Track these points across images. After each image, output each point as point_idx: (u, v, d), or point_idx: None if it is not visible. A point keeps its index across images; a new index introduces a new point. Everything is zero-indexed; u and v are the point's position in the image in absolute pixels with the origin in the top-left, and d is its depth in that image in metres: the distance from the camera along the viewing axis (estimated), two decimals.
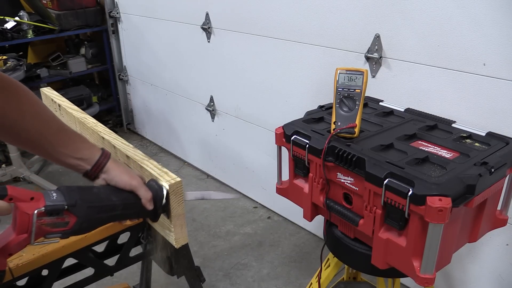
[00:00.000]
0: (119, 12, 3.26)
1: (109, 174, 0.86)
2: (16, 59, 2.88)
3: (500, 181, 1.02)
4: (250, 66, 2.33)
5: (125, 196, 0.85)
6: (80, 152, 0.85)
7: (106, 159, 0.87)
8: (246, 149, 2.57)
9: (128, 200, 0.85)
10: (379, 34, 1.68)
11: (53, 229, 0.75)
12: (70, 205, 0.75)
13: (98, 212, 0.81)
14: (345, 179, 1.06)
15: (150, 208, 0.88)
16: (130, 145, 1.10)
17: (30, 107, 0.81)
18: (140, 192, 0.86)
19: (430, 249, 0.89)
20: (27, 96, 0.82)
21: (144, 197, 0.86)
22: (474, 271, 1.69)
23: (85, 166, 0.85)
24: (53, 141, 0.83)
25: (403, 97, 1.67)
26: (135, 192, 0.86)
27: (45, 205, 0.72)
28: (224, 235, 2.38)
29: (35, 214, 0.71)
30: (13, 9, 3.18)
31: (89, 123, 1.26)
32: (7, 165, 2.92)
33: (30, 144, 0.83)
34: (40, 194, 0.74)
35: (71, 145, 0.84)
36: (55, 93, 1.51)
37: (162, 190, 0.90)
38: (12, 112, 0.78)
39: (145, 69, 3.27)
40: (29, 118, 0.80)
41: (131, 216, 0.89)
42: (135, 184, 0.86)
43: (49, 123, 0.84)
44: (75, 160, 0.85)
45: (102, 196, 0.82)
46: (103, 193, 0.83)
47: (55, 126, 0.84)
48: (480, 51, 1.42)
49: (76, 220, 0.77)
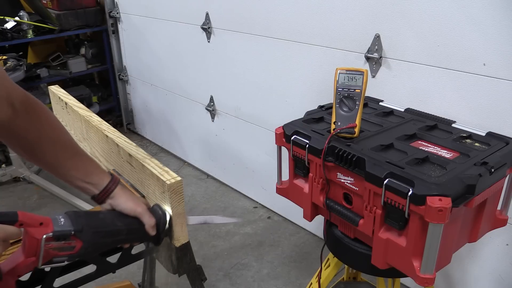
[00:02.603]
0: (119, 12, 3.26)
1: (116, 200, 0.90)
2: (16, 59, 2.88)
3: (500, 181, 1.02)
4: (250, 66, 2.33)
5: (129, 222, 0.89)
6: (91, 177, 0.89)
7: (114, 185, 0.90)
8: (246, 149, 2.57)
9: (132, 226, 0.89)
10: (379, 34, 1.68)
11: (60, 252, 0.78)
12: (77, 231, 0.78)
13: (103, 237, 0.84)
14: (345, 179, 1.06)
15: (153, 234, 0.91)
16: (133, 143, 1.12)
17: (51, 131, 0.85)
18: (144, 218, 0.90)
19: (430, 249, 0.89)
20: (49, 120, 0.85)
21: (148, 224, 0.90)
22: (474, 271, 1.69)
23: (94, 191, 0.89)
24: (67, 165, 0.87)
25: (403, 97, 1.67)
26: (139, 218, 0.90)
27: (53, 230, 0.75)
28: (224, 235, 2.38)
29: (44, 239, 0.74)
30: (13, 9, 3.18)
31: (94, 121, 1.28)
32: (7, 165, 2.93)
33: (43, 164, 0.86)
34: (48, 220, 0.77)
35: (83, 169, 0.88)
36: (62, 91, 1.54)
37: (166, 216, 0.94)
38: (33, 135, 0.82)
39: (145, 69, 3.27)
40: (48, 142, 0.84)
41: (134, 240, 0.93)
42: (140, 211, 0.90)
43: (66, 148, 0.87)
44: (85, 183, 0.88)
45: (107, 222, 0.86)
46: (108, 218, 0.87)
47: (71, 151, 0.88)
48: (480, 51, 1.42)
49: (82, 245, 0.80)
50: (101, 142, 1.26)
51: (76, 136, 1.49)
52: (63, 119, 1.59)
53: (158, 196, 1.01)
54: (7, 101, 0.77)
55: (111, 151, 1.20)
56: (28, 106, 0.81)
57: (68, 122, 1.52)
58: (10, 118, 0.78)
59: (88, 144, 1.39)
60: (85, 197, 2.69)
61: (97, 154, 1.33)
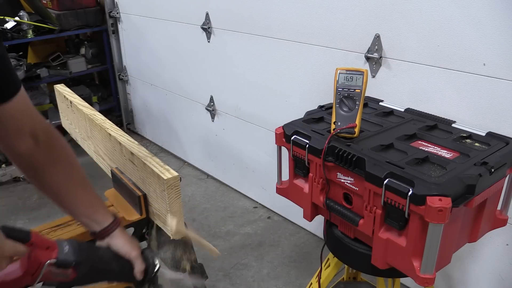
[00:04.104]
0: (119, 12, 3.26)
1: (114, 240, 0.93)
2: (16, 59, 2.88)
3: (500, 181, 1.02)
4: (250, 66, 2.33)
5: (123, 264, 0.92)
6: (96, 215, 0.91)
7: (115, 226, 0.93)
8: (246, 149, 2.57)
9: (124, 269, 0.93)
10: (379, 34, 1.68)
11: (55, 278, 0.79)
12: (77, 263, 0.80)
13: (96, 273, 0.88)
14: (345, 179, 1.06)
15: (139, 279, 0.95)
16: (135, 142, 1.13)
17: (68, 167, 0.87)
18: (136, 263, 0.94)
19: (430, 249, 0.89)
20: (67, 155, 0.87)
21: (138, 269, 0.94)
22: (474, 271, 1.69)
23: (95, 228, 0.92)
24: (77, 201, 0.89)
25: (403, 97, 1.67)
26: (132, 262, 0.93)
27: (57, 258, 0.78)
28: (224, 235, 2.37)
29: (47, 264, 0.76)
30: (13, 9, 3.18)
31: (97, 119, 1.29)
32: (7, 165, 2.92)
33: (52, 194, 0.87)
34: (54, 244, 0.79)
35: (90, 207, 0.91)
36: (67, 89, 1.56)
37: (155, 266, 0.98)
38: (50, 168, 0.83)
39: (145, 69, 3.27)
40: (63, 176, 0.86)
41: (121, 280, 0.97)
42: (134, 255, 0.93)
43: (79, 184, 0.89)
44: (89, 220, 0.91)
45: (105, 260, 0.90)
46: (106, 256, 0.91)
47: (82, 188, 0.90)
48: (480, 51, 1.42)
49: (75, 276, 0.82)
50: (104, 141, 1.26)
51: (81, 134, 1.50)
52: (68, 118, 1.60)
53: (159, 194, 1.01)
54: (30, 134, 0.78)
55: (114, 149, 1.21)
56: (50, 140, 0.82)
57: (73, 120, 1.53)
58: (32, 150, 0.79)
59: (92, 142, 1.39)
60: None
61: (101, 153, 1.34)
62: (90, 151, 1.45)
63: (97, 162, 1.41)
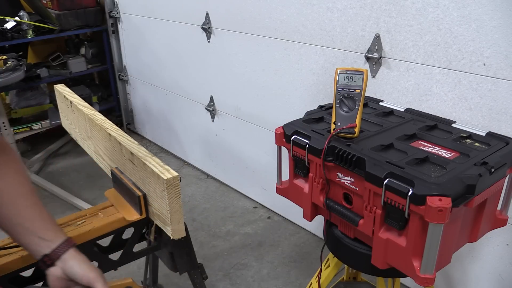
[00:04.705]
0: (119, 12, 3.26)
1: (68, 263, 0.80)
2: (16, 59, 2.87)
3: (500, 181, 1.02)
4: (250, 66, 2.33)
5: None
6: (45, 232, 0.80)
7: (68, 246, 0.81)
8: (246, 149, 2.57)
9: None
10: (379, 34, 1.68)
11: None
12: None
13: None
14: (345, 179, 1.06)
15: None
16: (135, 142, 1.13)
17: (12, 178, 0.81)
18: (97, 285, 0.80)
19: (430, 249, 0.89)
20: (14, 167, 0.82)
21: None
22: (474, 271, 1.69)
23: (45, 249, 0.79)
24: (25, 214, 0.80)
25: (403, 97, 1.67)
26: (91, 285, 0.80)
27: None
28: (224, 235, 2.38)
29: None
30: (13, 9, 3.18)
31: (97, 119, 1.29)
32: None
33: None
34: None
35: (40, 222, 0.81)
36: (67, 89, 1.56)
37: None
38: None
39: (145, 69, 3.27)
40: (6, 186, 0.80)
41: None
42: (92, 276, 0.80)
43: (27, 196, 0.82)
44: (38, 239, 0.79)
45: None
46: None
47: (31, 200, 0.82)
48: (480, 51, 1.42)
49: None
50: (104, 140, 1.26)
51: (80, 134, 1.50)
52: (68, 118, 1.60)
53: (159, 194, 1.01)
54: None
55: (113, 149, 1.21)
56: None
57: (73, 120, 1.53)
58: None
59: (92, 142, 1.39)
60: (85, 197, 2.70)
61: (101, 153, 1.34)
62: (90, 151, 1.45)
63: (97, 162, 1.41)
